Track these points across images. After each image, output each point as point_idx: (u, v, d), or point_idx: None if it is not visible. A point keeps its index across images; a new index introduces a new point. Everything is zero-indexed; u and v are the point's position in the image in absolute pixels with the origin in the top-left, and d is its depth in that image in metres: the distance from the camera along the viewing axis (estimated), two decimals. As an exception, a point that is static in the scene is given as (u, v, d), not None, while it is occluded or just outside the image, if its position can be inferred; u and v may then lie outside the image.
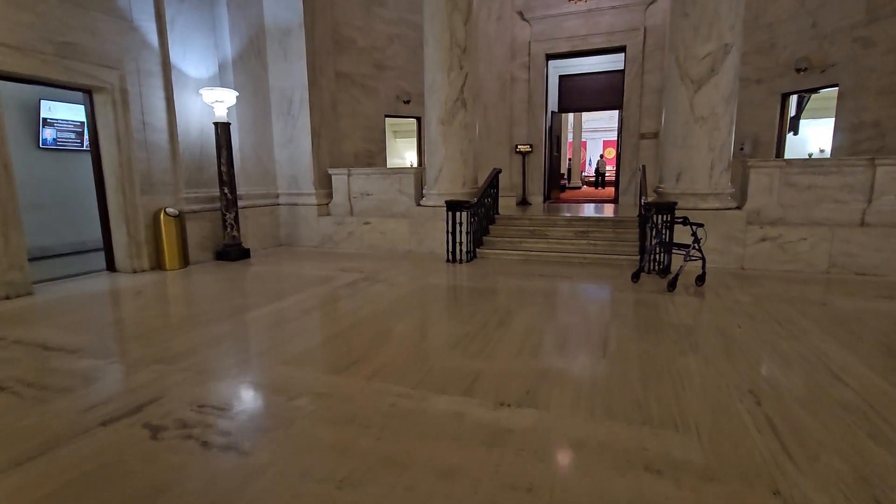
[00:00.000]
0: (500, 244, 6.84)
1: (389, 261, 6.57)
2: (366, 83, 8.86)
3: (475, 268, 6.01)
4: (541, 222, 7.14)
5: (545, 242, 6.65)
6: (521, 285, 5.01)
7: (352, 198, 7.97)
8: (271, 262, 6.69)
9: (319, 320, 3.90)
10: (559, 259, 6.26)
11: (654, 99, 9.01)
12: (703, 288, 4.76)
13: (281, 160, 8.06)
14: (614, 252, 6.18)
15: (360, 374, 2.78)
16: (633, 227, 6.62)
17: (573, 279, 5.27)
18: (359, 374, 2.79)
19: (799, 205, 5.67)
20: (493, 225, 7.25)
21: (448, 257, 6.41)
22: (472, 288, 4.98)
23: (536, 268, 5.88)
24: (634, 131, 9.32)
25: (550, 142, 10.95)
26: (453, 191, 6.94)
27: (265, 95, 7.83)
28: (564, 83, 11.80)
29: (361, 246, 7.61)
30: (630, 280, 5.06)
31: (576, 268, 5.85)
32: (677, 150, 5.88)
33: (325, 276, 5.59)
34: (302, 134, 7.81)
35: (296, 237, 8.06)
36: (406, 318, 3.92)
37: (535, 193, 10.22)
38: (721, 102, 5.60)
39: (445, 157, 6.94)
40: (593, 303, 4.35)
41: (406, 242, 7.29)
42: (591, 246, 6.41)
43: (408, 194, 7.57)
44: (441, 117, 6.85)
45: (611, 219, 6.93)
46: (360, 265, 6.27)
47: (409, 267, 6.12)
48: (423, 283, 5.22)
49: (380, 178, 7.74)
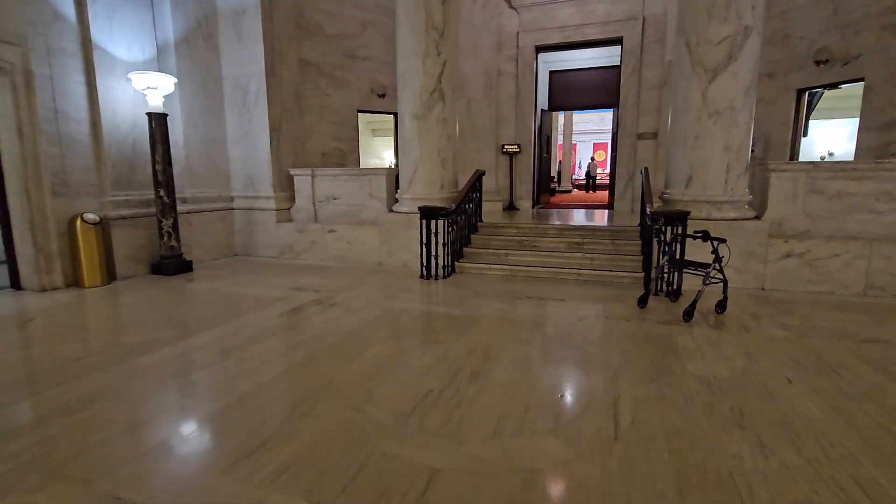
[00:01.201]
0: (484, 256, 5.96)
1: (354, 276, 5.65)
2: (335, 74, 7.93)
3: (453, 286, 5.12)
4: (529, 231, 6.28)
5: (534, 255, 5.79)
6: (506, 312, 4.12)
7: (316, 202, 7.03)
8: (216, 276, 5.72)
9: (236, 368, 2.97)
10: (550, 275, 5.40)
11: (654, 96, 8.22)
12: (724, 316, 3.93)
13: (235, 158, 7.09)
14: (614, 267, 5.34)
15: (260, 473, 1.86)
16: (635, 237, 5.79)
17: (567, 303, 4.40)
18: (258, 471, 1.88)
19: (827, 215, 4.87)
20: (475, 234, 6.37)
21: (422, 272, 5.51)
22: (446, 316, 4.09)
23: (524, 286, 5.01)
24: (631, 131, 8.52)
25: (540, 142, 10.13)
26: (430, 195, 6.05)
27: (217, 84, 6.86)
28: (555, 79, 10.99)
29: (326, 257, 6.67)
30: (636, 305, 4.21)
31: (570, 287, 4.99)
32: (687, 150, 5.06)
33: (271, 298, 4.65)
34: (259, 129, 6.86)
35: (252, 246, 7.09)
36: (353, 364, 3.00)
37: (523, 198, 9.37)
38: (739, 94, 4.79)
39: (420, 156, 6.04)
40: (594, 339, 3.49)
41: (376, 254, 6.38)
42: (587, 260, 5.56)
43: (379, 199, 6.65)
44: (415, 111, 5.96)
45: (608, 228, 6.09)
46: (319, 282, 5.34)
47: (375, 284, 5.21)
48: (388, 307, 4.32)
49: (348, 180, 6.82)
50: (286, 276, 5.67)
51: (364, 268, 6.15)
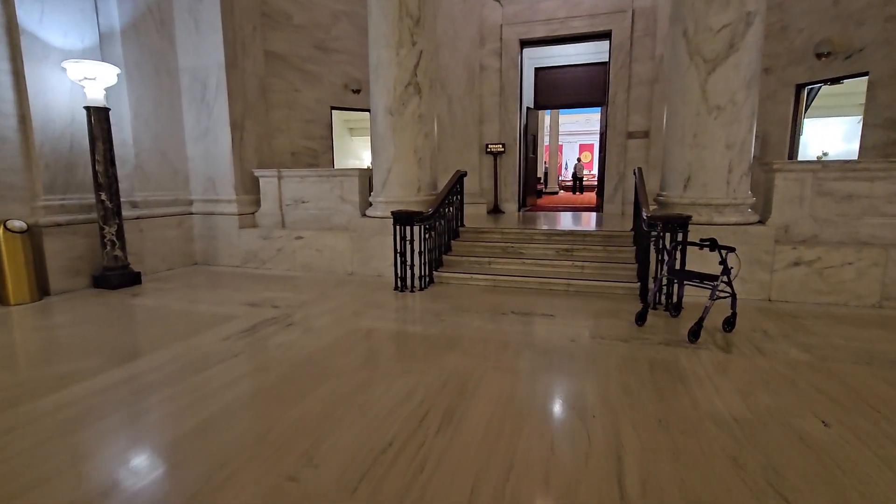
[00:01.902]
0: (465, 265, 5.46)
1: (322, 287, 5.11)
2: (305, 68, 7.37)
3: (430, 299, 4.61)
4: (515, 236, 5.81)
5: (520, 263, 5.31)
6: (488, 331, 3.63)
7: (283, 206, 6.46)
8: (166, 290, 5.12)
9: (153, 414, 2.41)
10: (538, 286, 4.92)
11: (644, 92, 7.82)
12: (733, 335, 3.48)
13: (195, 158, 6.49)
14: (606, 277, 4.88)
15: None
16: (628, 243, 5.35)
17: (557, 319, 3.92)
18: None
19: (837, 219, 4.48)
20: (456, 240, 5.87)
21: (396, 284, 4.99)
22: (420, 337, 3.57)
23: (509, 299, 4.52)
24: (621, 130, 8.12)
25: (526, 142, 9.68)
26: (405, 198, 5.54)
27: (172, 77, 6.26)
28: (541, 77, 10.57)
29: (293, 266, 6.11)
30: (634, 322, 3.74)
31: (559, 299, 4.52)
32: (685, 148, 4.63)
33: (222, 316, 4.09)
34: (219, 126, 6.27)
35: (213, 254, 6.49)
36: (299, 406, 2.47)
37: (508, 200, 8.91)
38: (741, 87, 4.38)
39: (395, 156, 5.52)
40: (589, 367, 3.01)
41: (348, 262, 5.84)
42: (577, 269, 5.09)
43: (351, 202, 6.12)
44: (389, 106, 5.44)
45: (599, 233, 5.64)
46: (281, 295, 4.79)
47: (343, 298, 4.67)
48: (353, 327, 3.79)
49: (317, 182, 6.26)
50: (246, 289, 5.10)
51: (334, 278, 5.60)
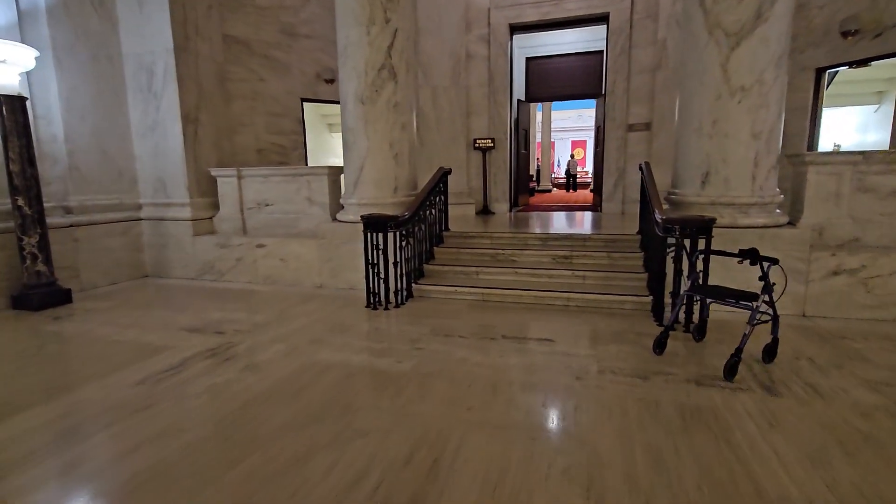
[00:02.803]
0: (450, 275, 4.76)
1: (283, 305, 4.38)
2: (271, 55, 6.62)
3: (407, 319, 3.90)
4: (506, 241, 5.12)
5: (513, 273, 4.61)
6: (473, 364, 2.93)
7: (245, 209, 5.72)
8: (97, 311, 4.36)
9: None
10: (533, 301, 4.23)
11: (646, 80, 7.16)
12: (775, 366, 2.82)
13: (143, 156, 5.72)
14: (612, 289, 4.21)
15: None
16: (634, 249, 4.68)
17: (557, 345, 3.24)
18: None
19: (881, 219, 3.84)
20: (440, 246, 5.17)
21: (369, 300, 4.27)
22: (389, 375, 2.86)
23: (500, 317, 3.83)
24: (621, 122, 7.45)
25: (517, 136, 8.99)
26: (380, 199, 4.82)
27: (114, 64, 5.48)
28: (533, 67, 9.87)
29: (255, 278, 5.37)
30: (651, 350, 3.07)
31: (558, 317, 3.83)
32: (703, 139, 3.96)
33: (151, 347, 3.35)
34: (169, 119, 5.51)
35: (166, 265, 5.73)
36: (202, 498, 1.76)
37: (498, 200, 8.21)
38: (770, 64, 3.71)
39: (368, 150, 4.80)
40: (603, 420, 2.33)
41: (316, 273, 5.11)
42: (577, 280, 4.41)
43: (320, 204, 5.39)
44: (360, 93, 4.72)
45: (601, 237, 4.96)
46: (232, 317, 4.05)
47: (304, 319, 3.95)
48: (308, 361, 3.07)
49: (282, 182, 5.53)
50: (193, 309, 4.36)
51: (299, 293, 4.87)
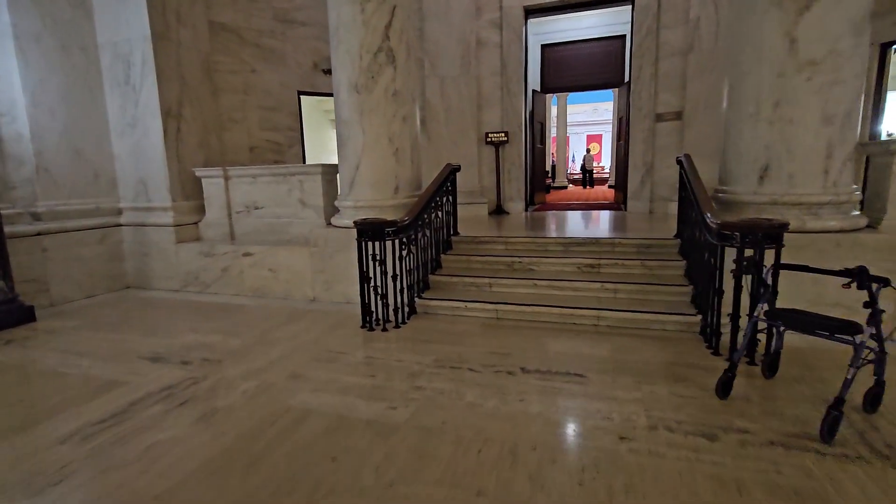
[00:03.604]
0: (458, 288, 4.16)
1: (266, 325, 3.83)
2: (264, 43, 6.08)
3: (407, 345, 3.32)
4: (523, 247, 4.50)
5: (531, 285, 3.99)
6: (485, 414, 2.33)
7: (233, 213, 5.18)
8: (57, 333, 3.85)
9: None
10: (555, 320, 3.61)
11: (676, 65, 6.45)
12: (881, 420, 2.16)
13: (122, 156, 5.22)
14: (649, 305, 3.56)
15: None
16: (673, 256, 4.03)
17: (590, 383, 2.61)
18: None
19: (985, 220, 3.14)
20: (448, 252, 4.57)
21: (364, 320, 3.69)
22: (377, 429, 2.27)
23: (517, 342, 3.22)
24: (648, 112, 6.75)
25: (532, 130, 8.34)
26: (379, 201, 4.24)
27: (89, 54, 4.98)
28: (548, 55, 9.20)
29: (242, 290, 4.83)
30: (714, 393, 2.43)
31: (587, 342, 3.21)
32: (761, 125, 3.29)
33: (101, 383, 2.82)
34: (148, 114, 4.99)
35: (148, 275, 5.23)
36: None
37: (513, 198, 7.57)
38: (847, 31, 3.03)
39: (364, 146, 4.22)
40: None
41: (308, 285, 4.55)
42: (608, 293, 3.77)
43: (313, 207, 4.82)
44: (354, 80, 4.13)
45: (632, 241, 4.31)
46: (206, 340, 3.51)
47: (286, 345, 3.38)
48: (279, 407, 2.49)
49: (272, 183, 4.98)
50: (165, 330, 3.83)
51: (288, 308, 4.32)
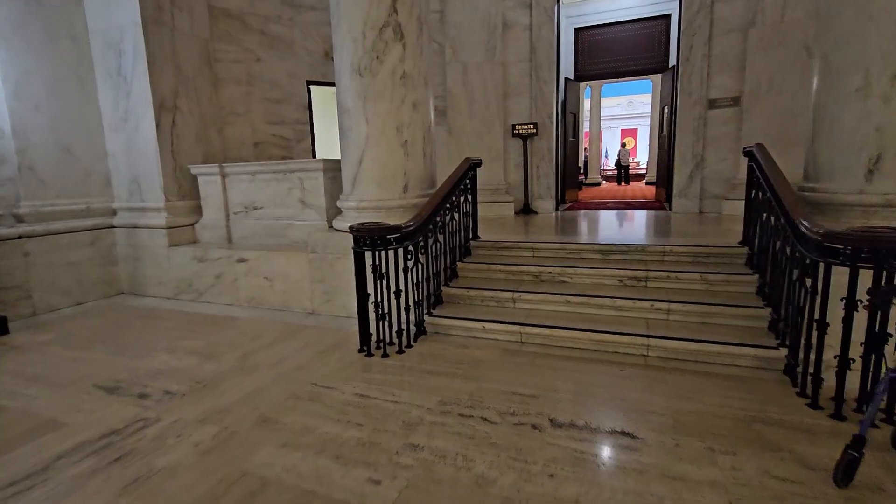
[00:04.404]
0: (476, 304, 3.54)
1: (251, 345, 3.31)
2: (270, 30, 5.60)
3: (409, 378, 2.72)
4: (553, 254, 3.84)
5: (562, 301, 3.33)
6: (501, 496, 1.71)
7: (231, 214, 4.72)
8: (24, 350, 3.44)
9: None
10: (594, 347, 2.94)
11: (734, 43, 5.61)
12: None
13: (116, 153, 4.83)
14: (712, 332, 2.85)
15: None
16: (739, 268, 3.29)
17: (645, 447, 1.95)
18: None
19: None
20: (466, 259, 3.95)
21: (362, 345, 3.11)
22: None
23: (545, 379, 2.57)
24: (698, 97, 5.93)
25: (564, 121, 7.61)
26: (386, 201, 3.66)
27: (79, 44, 4.60)
28: (582, 40, 8.42)
29: (237, 299, 4.35)
30: (832, 479, 1.73)
31: (636, 382, 2.53)
32: (871, 103, 2.53)
33: (33, 425, 2.34)
34: (140, 107, 4.57)
35: (141, 281, 4.83)
36: None
37: (542, 196, 6.87)
38: None
39: (368, 137, 3.64)
40: None
41: (306, 296, 4.02)
42: (658, 314, 3.07)
43: (315, 207, 4.29)
44: (356, 62, 3.56)
45: (684, 249, 3.58)
46: (177, 364, 3.02)
47: (266, 374, 2.84)
48: (235, 471, 1.94)
49: (271, 180, 4.48)
50: (139, 346, 3.36)
51: (283, 322, 3.79)
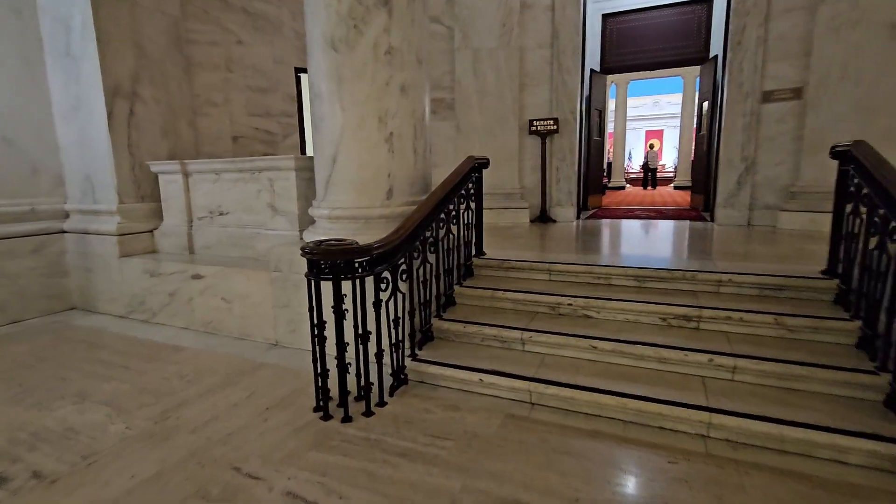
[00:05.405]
0: (475, 343, 2.76)
1: (185, 393, 2.59)
2: (254, 8, 4.92)
3: (367, 467, 1.94)
4: (575, 278, 3.05)
5: (587, 348, 2.52)
6: None
7: (194, 219, 4.03)
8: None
9: None
10: (630, 419, 2.13)
11: (797, 22, 4.70)
12: None
13: (68, 146, 4.20)
14: (798, 402, 2.02)
15: None
16: (827, 307, 2.44)
17: None
18: None
19: None
20: (467, 281, 3.18)
21: (318, 401, 2.34)
22: None
23: (565, 477, 1.78)
24: (750, 89, 5.03)
25: (589, 119, 6.77)
26: (364, 210, 2.90)
27: (25, 19, 3.98)
28: (610, 27, 7.55)
29: (192, 322, 3.65)
30: None
31: (698, 493, 1.72)
32: None
33: None
34: (92, 93, 3.92)
35: (93, 295, 4.18)
36: None
37: (561, 203, 6.03)
38: None
39: (343, 129, 2.89)
40: None
41: (269, 324, 3.29)
42: (720, 372, 2.25)
43: (286, 214, 3.57)
44: (329, 32, 2.82)
45: (746, 279, 2.74)
46: (82, 419, 2.32)
47: (181, 446, 2.11)
48: None
49: (238, 181, 3.77)
50: (49, 390, 2.67)
51: (236, 358, 3.07)
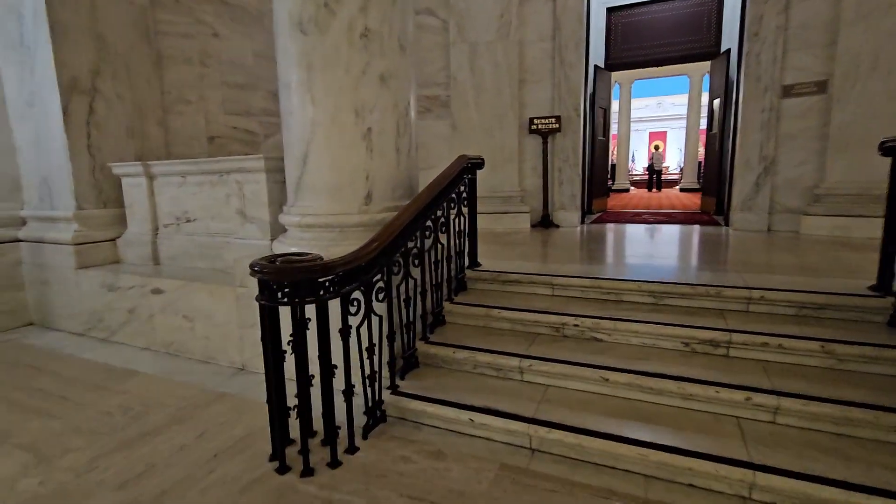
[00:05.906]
0: (466, 370, 2.37)
1: (127, 432, 2.21)
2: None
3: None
4: (580, 293, 2.66)
5: (597, 380, 2.13)
6: None
7: (161, 226, 3.66)
8: None
9: None
10: (651, 473, 1.74)
11: (821, 10, 4.31)
12: None
13: (24, 146, 3.83)
14: (859, 455, 1.63)
15: None
16: (879, 330, 2.04)
17: None
18: None
19: None
20: (458, 297, 2.79)
21: (274, 451, 1.96)
22: None
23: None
24: (770, 83, 4.63)
25: (593, 117, 6.39)
26: (339, 216, 2.51)
27: (-26, 7, 3.63)
28: (616, 22, 7.17)
29: (153, 342, 3.27)
30: None
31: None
32: None
33: None
34: (46, 89, 3.55)
35: (50, 310, 3.80)
36: None
37: (565, 206, 5.63)
38: None
39: (314, 124, 2.51)
40: None
41: (234, 346, 2.91)
42: (759, 413, 1.85)
43: (257, 220, 3.18)
44: (297, 12, 2.43)
45: (780, 297, 2.34)
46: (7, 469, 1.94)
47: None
48: None
49: (205, 184, 3.39)
50: None
51: (195, 386, 2.68)
